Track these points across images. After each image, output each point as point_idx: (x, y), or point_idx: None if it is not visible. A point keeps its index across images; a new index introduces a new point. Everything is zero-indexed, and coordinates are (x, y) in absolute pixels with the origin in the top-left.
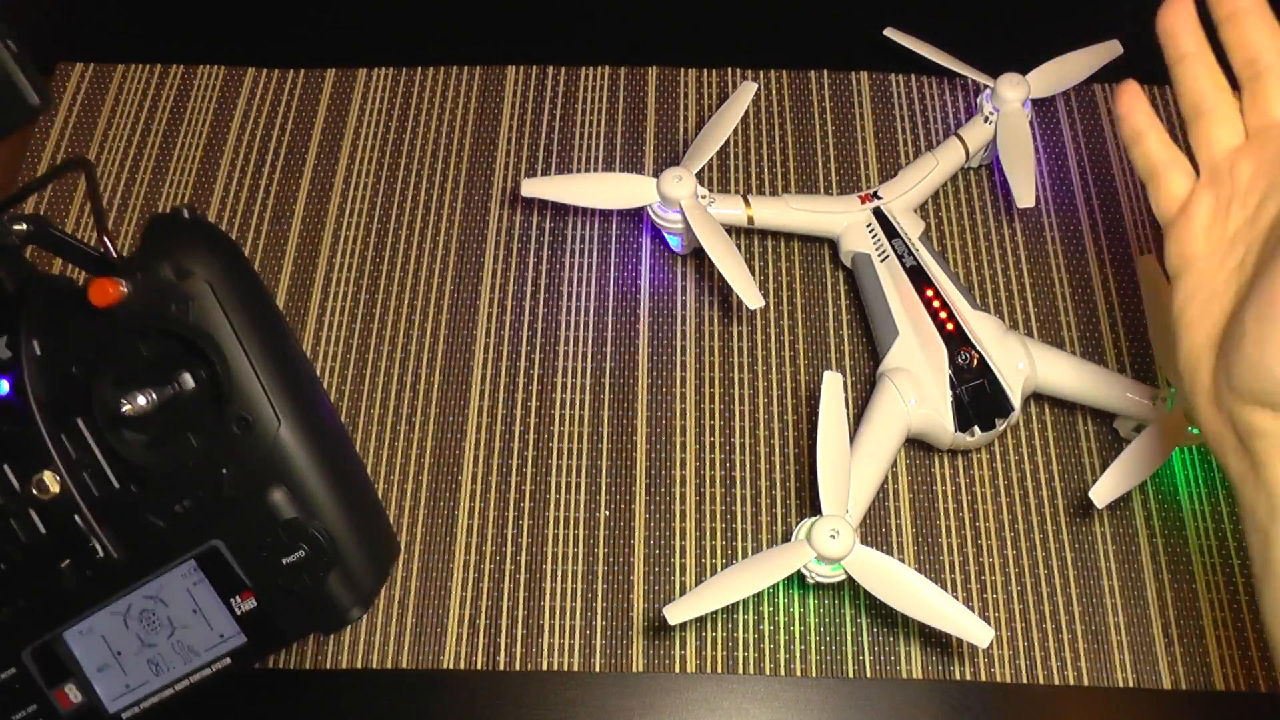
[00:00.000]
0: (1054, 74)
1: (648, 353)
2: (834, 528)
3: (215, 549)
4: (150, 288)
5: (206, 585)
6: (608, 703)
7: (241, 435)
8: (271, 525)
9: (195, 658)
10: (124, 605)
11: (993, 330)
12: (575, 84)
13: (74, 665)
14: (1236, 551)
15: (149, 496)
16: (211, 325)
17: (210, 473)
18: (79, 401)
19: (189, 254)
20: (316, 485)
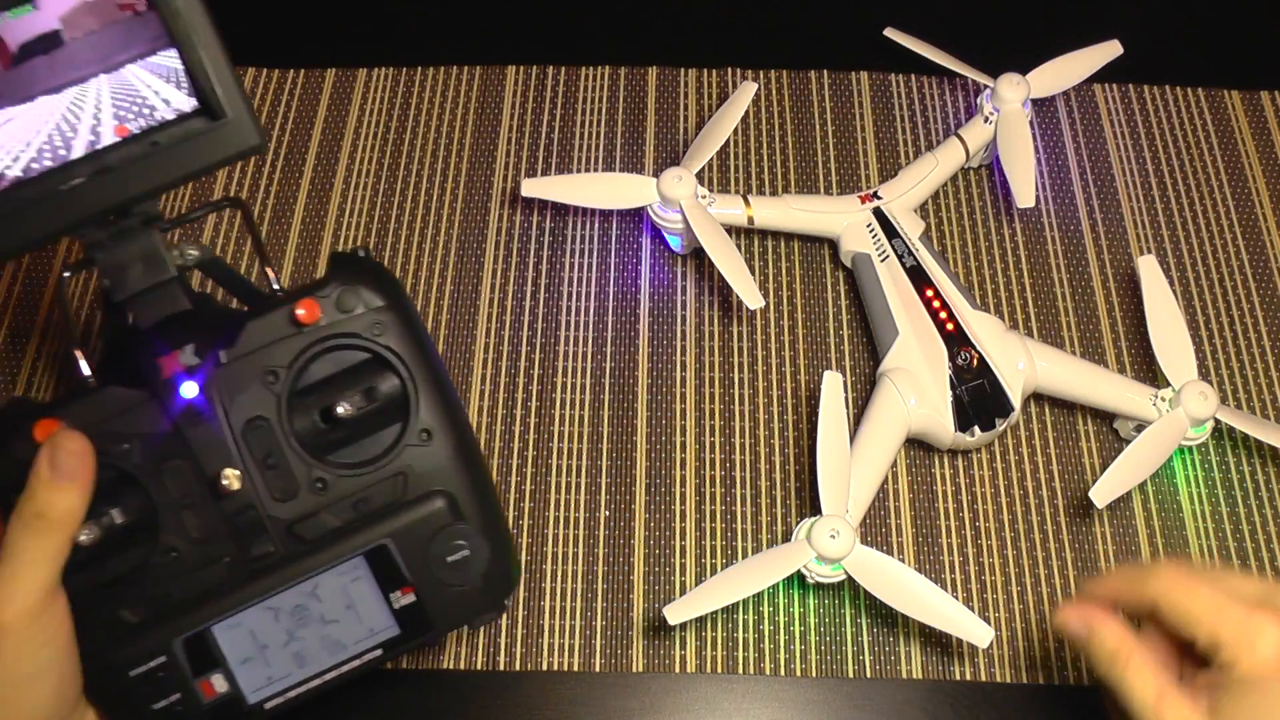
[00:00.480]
0: (1054, 74)
1: (648, 353)
2: (834, 528)
3: (384, 548)
4: (343, 312)
5: (367, 582)
6: (608, 703)
7: (423, 446)
8: (439, 527)
9: (341, 651)
10: (279, 601)
11: (993, 330)
12: (575, 84)
13: (220, 656)
14: (1236, 552)
15: (328, 498)
16: (402, 346)
17: (389, 478)
18: (268, 406)
19: (374, 286)
20: (474, 494)
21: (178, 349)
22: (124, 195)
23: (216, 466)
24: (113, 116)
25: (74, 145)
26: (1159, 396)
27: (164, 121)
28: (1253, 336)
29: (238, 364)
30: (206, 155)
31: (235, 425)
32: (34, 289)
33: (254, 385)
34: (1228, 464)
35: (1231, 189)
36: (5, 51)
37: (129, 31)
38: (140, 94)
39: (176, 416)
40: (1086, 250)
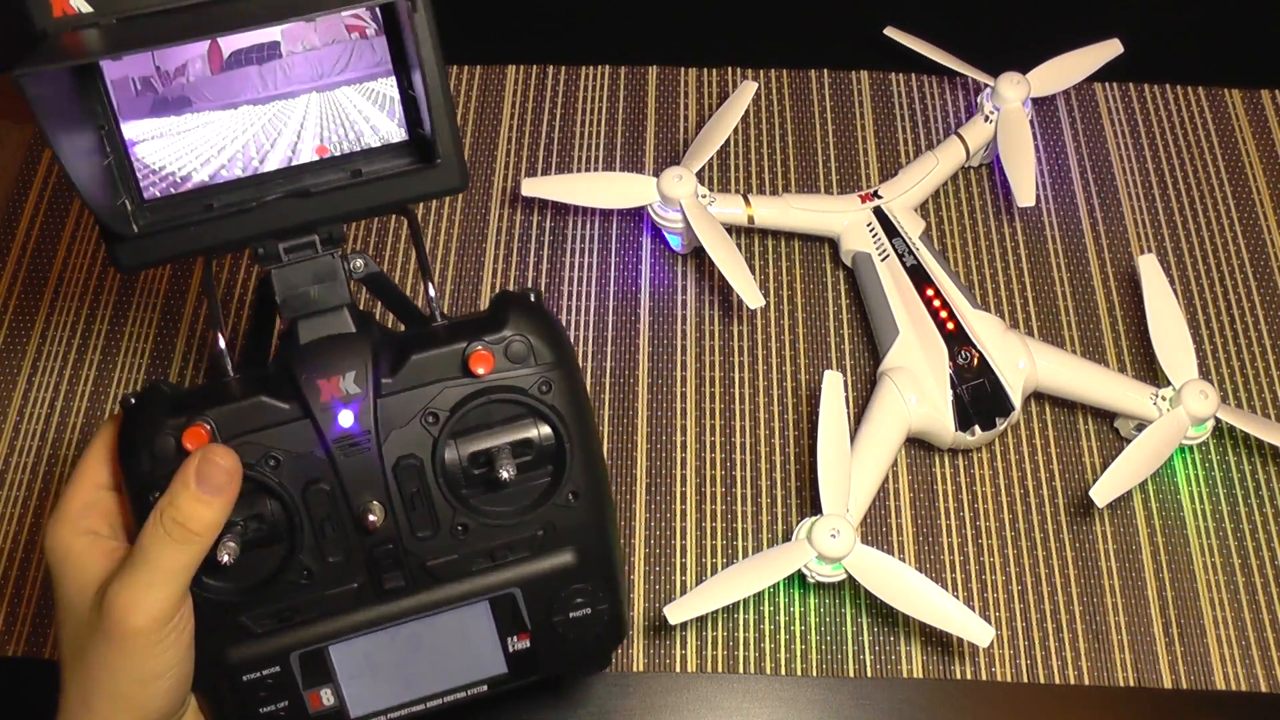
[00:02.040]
0: (1054, 73)
1: (648, 352)
2: (834, 527)
3: (512, 596)
4: (511, 362)
5: (488, 623)
6: (608, 702)
7: (568, 506)
8: (566, 584)
9: (449, 680)
10: (399, 629)
11: (993, 329)
12: (575, 84)
13: (332, 672)
14: (1237, 550)
15: (467, 543)
16: (565, 407)
17: (529, 530)
18: (423, 447)
19: (546, 340)
20: (604, 556)
21: (339, 374)
22: (313, 216)
23: (364, 499)
24: (315, 136)
25: (269, 158)
26: (1159, 395)
27: (368, 149)
28: (1253, 335)
29: (398, 398)
30: (407, 190)
31: (387, 459)
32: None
33: (412, 423)
34: (1228, 463)
35: (1232, 188)
36: (216, 54)
37: (351, 53)
38: (349, 117)
39: (330, 443)
40: (1087, 249)
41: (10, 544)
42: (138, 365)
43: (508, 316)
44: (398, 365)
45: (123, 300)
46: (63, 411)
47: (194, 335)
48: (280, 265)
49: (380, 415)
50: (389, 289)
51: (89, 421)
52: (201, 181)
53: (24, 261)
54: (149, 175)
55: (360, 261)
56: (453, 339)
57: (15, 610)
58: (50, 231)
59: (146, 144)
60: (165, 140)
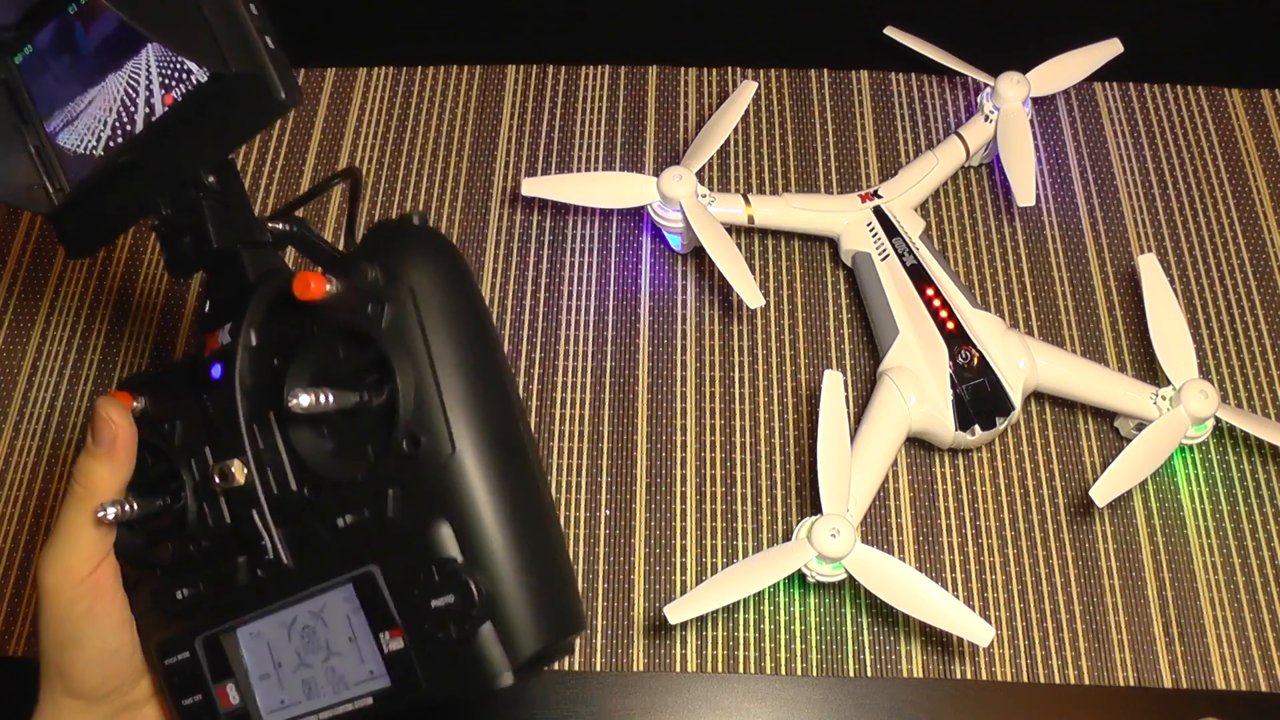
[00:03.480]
0: (1054, 73)
1: (648, 352)
2: (834, 527)
3: (371, 575)
4: (356, 289)
5: (362, 615)
6: (608, 702)
7: (409, 454)
8: (427, 562)
9: (344, 689)
10: (290, 616)
11: (993, 329)
12: (575, 84)
13: (238, 666)
14: (1237, 550)
15: (319, 505)
16: (402, 332)
17: (378, 491)
18: (274, 396)
19: (400, 259)
20: (485, 528)
21: (220, 327)
22: (181, 163)
23: (226, 457)
24: (160, 86)
25: (136, 120)
26: (1159, 395)
27: (199, 84)
28: (1253, 335)
29: (262, 346)
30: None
31: (247, 414)
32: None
33: (266, 372)
34: (1228, 463)
35: (1232, 187)
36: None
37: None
38: (178, 60)
39: (205, 400)
40: (1087, 249)
41: (10, 544)
42: (138, 365)
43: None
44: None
45: (123, 300)
46: (63, 411)
47: (194, 335)
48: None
49: (247, 365)
50: (310, 245)
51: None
52: (99, 156)
53: (24, 261)
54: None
55: (281, 224)
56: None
57: (15, 610)
58: (50, 231)
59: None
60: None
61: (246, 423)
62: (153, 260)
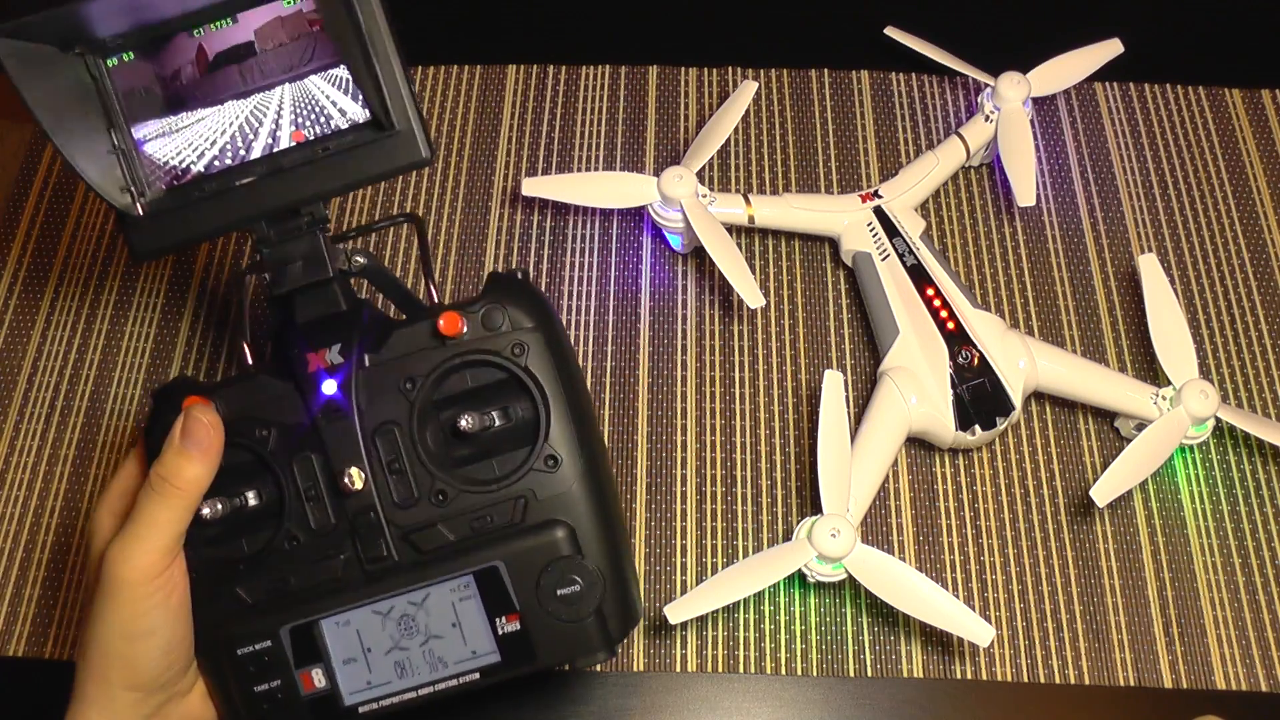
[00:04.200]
0: (1054, 73)
1: (648, 352)
2: (835, 527)
3: (495, 570)
4: (487, 330)
5: (475, 602)
6: (608, 702)
7: (548, 472)
8: (554, 557)
9: (442, 668)
10: (387, 606)
11: (993, 329)
12: (575, 84)
13: (324, 651)
14: (1237, 550)
15: (446, 511)
16: (541, 370)
17: (509, 500)
18: (401, 413)
19: (524, 307)
20: (597, 530)
21: (326, 347)
22: (294, 196)
23: (344, 464)
24: (291, 123)
25: (254, 147)
26: (1160, 395)
27: (337, 130)
28: (1253, 335)
29: (379, 368)
30: (374, 165)
31: (367, 427)
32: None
33: (391, 391)
34: (1228, 463)
35: (1232, 187)
36: (203, 58)
37: (315, 44)
38: (319, 103)
39: (314, 411)
40: (1087, 249)
41: (10, 544)
42: (138, 365)
43: (489, 290)
44: (383, 339)
45: (123, 300)
46: (63, 411)
47: (194, 335)
48: (271, 245)
49: (362, 384)
50: (389, 282)
51: (89, 421)
52: (199, 172)
53: (24, 261)
54: (155, 169)
55: (361, 258)
56: (434, 314)
57: (15, 610)
58: (51, 231)
59: (153, 142)
60: (167, 138)
61: (368, 435)
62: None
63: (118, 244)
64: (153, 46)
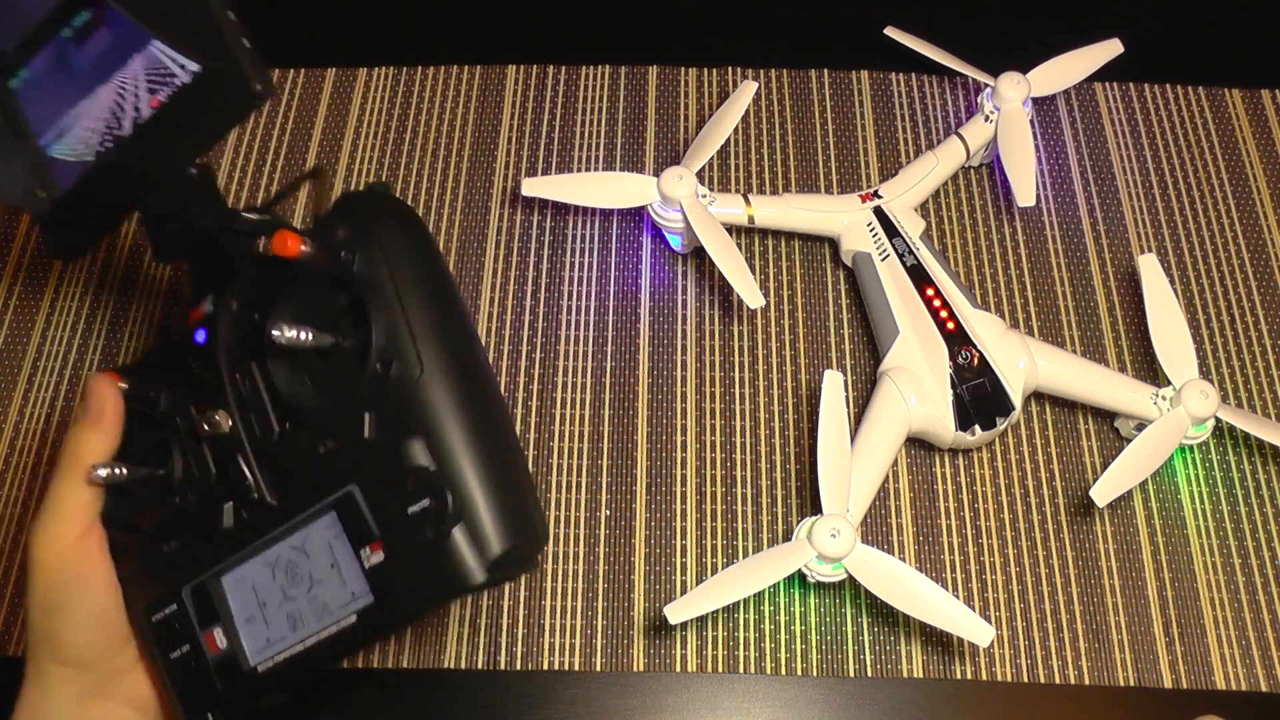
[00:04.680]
0: (1054, 73)
1: (648, 352)
2: (835, 527)
3: (350, 495)
4: (330, 245)
5: (344, 538)
6: (608, 703)
7: (382, 377)
8: (402, 474)
9: (327, 615)
10: (273, 555)
11: (993, 329)
12: (575, 84)
13: (224, 610)
14: (1237, 550)
15: (299, 437)
16: (371, 275)
17: (355, 416)
18: (256, 347)
19: (366, 216)
20: (451, 438)
21: (204, 299)
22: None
23: (211, 409)
24: (147, 90)
25: (123, 123)
26: (1160, 395)
27: (182, 85)
28: (1253, 335)
29: (240, 310)
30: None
31: (230, 369)
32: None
33: (245, 326)
34: (1228, 463)
35: (1232, 187)
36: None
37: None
38: (164, 65)
39: (190, 364)
40: (1087, 249)
41: (10, 544)
42: None
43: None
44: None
45: (123, 300)
46: (63, 411)
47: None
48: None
49: (224, 327)
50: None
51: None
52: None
53: (24, 261)
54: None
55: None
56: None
57: (15, 610)
58: None
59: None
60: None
61: (229, 375)
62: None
63: (118, 243)
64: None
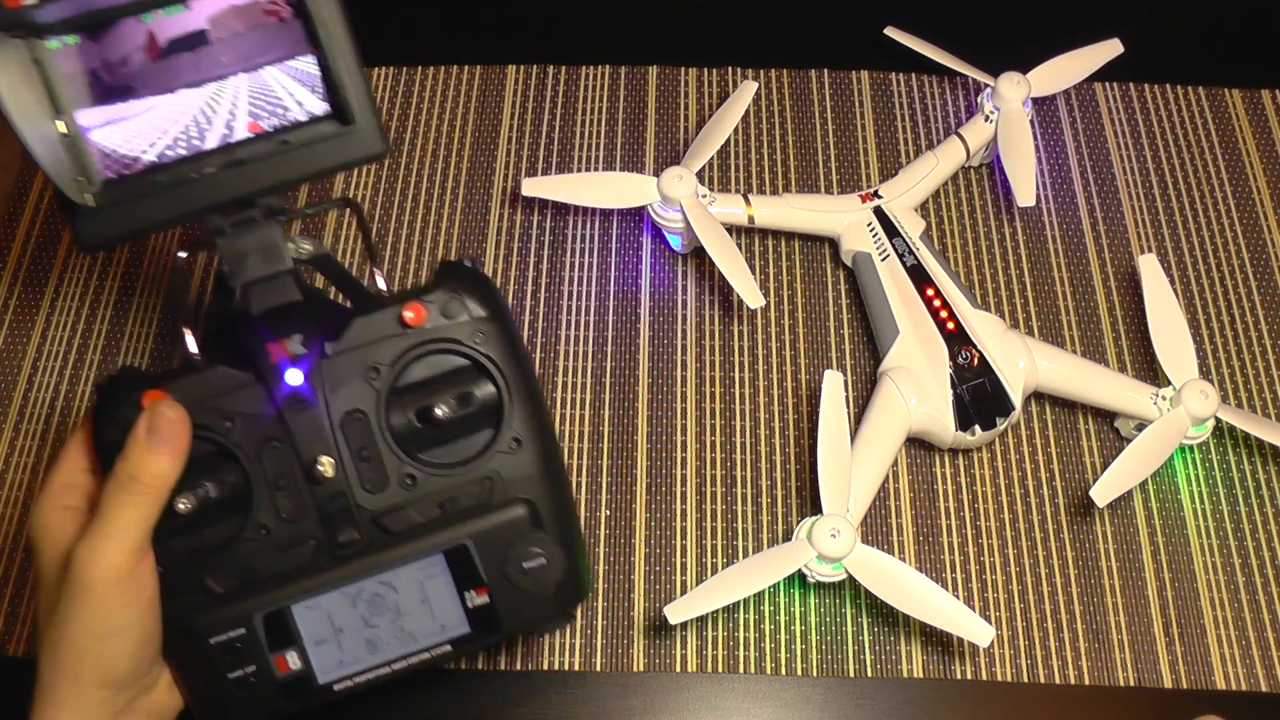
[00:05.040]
0: (1054, 73)
1: (648, 352)
2: (835, 527)
3: (465, 548)
4: (446, 318)
5: (445, 579)
6: (608, 703)
7: (511, 454)
8: (519, 533)
9: (412, 642)
10: (356, 589)
11: (993, 329)
12: (575, 84)
13: (296, 635)
14: (1237, 550)
15: (416, 495)
16: (500, 356)
17: (476, 481)
18: (367, 401)
19: (478, 296)
20: (555, 505)
21: (286, 337)
22: (251, 187)
23: (313, 453)
24: (247, 113)
25: (208, 137)
26: (1160, 395)
27: (295, 122)
28: (1253, 335)
29: (342, 357)
30: (332, 157)
31: (334, 415)
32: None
33: (356, 379)
34: (1228, 463)
35: (1232, 187)
36: (154, 45)
37: (271, 36)
38: (275, 95)
39: (280, 401)
40: (1087, 249)
41: (10, 544)
42: (138, 364)
43: (443, 279)
44: (342, 328)
45: (123, 300)
46: (63, 411)
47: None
48: (226, 236)
49: (326, 373)
50: (339, 271)
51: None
52: (151, 161)
53: (24, 261)
54: (103, 158)
55: (308, 245)
56: (392, 303)
57: (15, 610)
58: (50, 231)
59: (100, 130)
60: (115, 125)
61: (335, 424)
62: (153, 260)
63: None
64: (97, 31)
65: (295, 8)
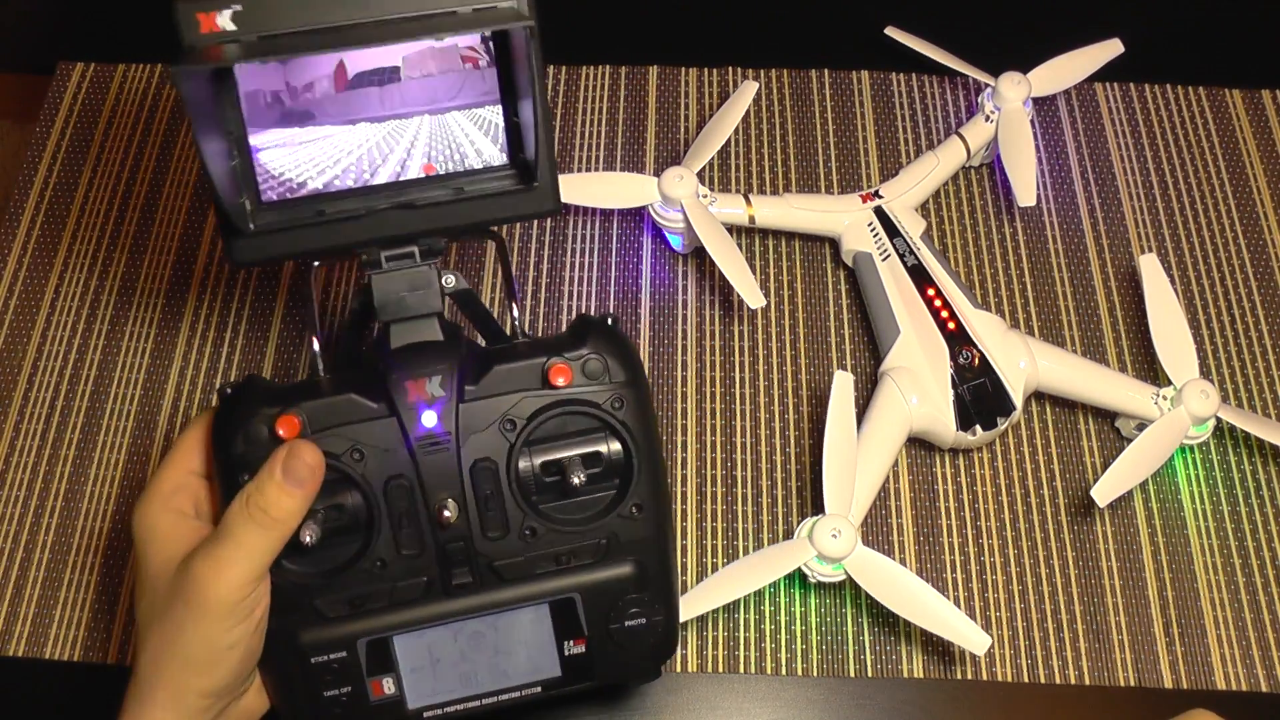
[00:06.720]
0: (1055, 72)
1: (649, 352)
2: (836, 527)
3: (571, 600)
4: (587, 378)
5: (547, 626)
6: (608, 702)
7: (631, 518)
8: (624, 592)
9: (505, 680)
10: (460, 626)
11: (994, 329)
12: (575, 84)
13: (394, 662)
14: (1237, 550)
15: (534, 546)
16: (634, 423)
17: (593, 539)
18: (499, 451)
19: (620, 359)
20: (662, 569)
21: (426, 377)
22: (418, 228)
23: (441, 496)
24: (424, 155)
25: (379, 173)
26: (1160, 395)
27: (471, 170)
28: (1254, 335)
29: (479, 404)
30: (505, 210)
31: (465, 460)
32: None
33: (490, 428)
34: (1229, 463)
35: (1232, 187)
36: (342, 75)
37: (463, 81)
38: (456, 139)
39: (413, 441)
40: (1088, 249)
41: (10, 544)
42: (138, 365)
43: (586, 337)
44: (481, 374)
45: (123, 300)
46: (63, 411)
47: (194, 335)
48: (381, 271)
49: (461, 418)
50: (477, 307)
51: (89, 421)
52: (316, 189)
53: (24, 261)
54: (269, 179)
55: (452, 278)
56: (534, 354)
57: (15, 610)
58: (50, 231)
59: (270, 151)
60: (287, 149)
61: (467, 468)
62: (153, 261)
63: (118, 244)
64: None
65: (496, 57)
